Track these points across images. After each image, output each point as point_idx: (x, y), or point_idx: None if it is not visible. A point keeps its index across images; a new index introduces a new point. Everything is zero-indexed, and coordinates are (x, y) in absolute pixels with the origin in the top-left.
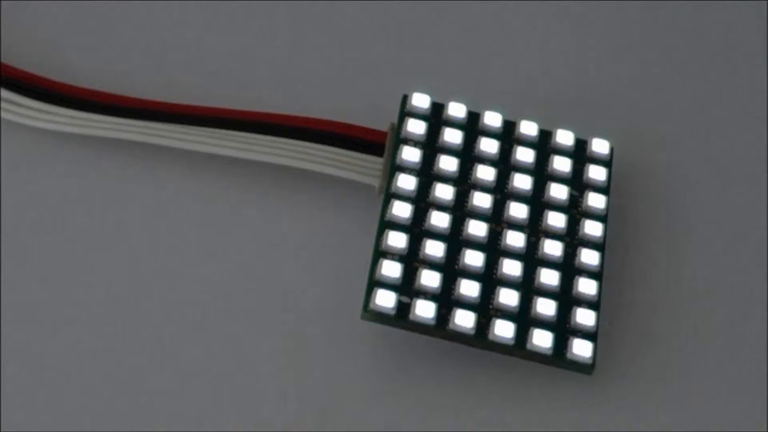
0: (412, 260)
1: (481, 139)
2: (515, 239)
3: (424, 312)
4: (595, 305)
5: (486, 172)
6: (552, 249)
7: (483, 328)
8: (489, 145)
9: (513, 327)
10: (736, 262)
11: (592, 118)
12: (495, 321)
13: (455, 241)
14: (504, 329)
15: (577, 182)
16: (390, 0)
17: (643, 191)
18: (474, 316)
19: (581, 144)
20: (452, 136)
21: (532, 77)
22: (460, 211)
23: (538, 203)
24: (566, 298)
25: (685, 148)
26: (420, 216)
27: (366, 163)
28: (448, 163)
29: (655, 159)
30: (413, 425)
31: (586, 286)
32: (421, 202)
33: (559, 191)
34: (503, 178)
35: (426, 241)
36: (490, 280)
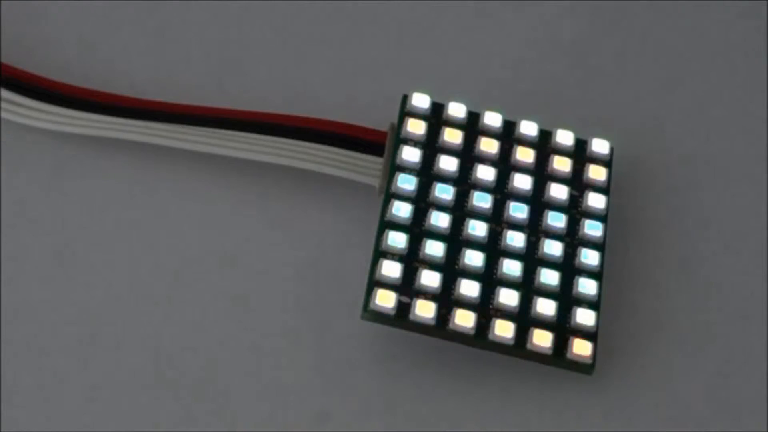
0: (412, 260)
1: (481, 139)
2: (515, 239)
3: (424, 312)
4: (595, 305)
5: (486, 172)
6: (552, 249)
7: (483, 328)
8: (489, 145)
9: (513, 327)
10: (736, 262)
11: (592, 118)
12: (495, 321)
13: (455, 241)
14: (504, 329)
15: (577, 182)
16: (390, 0)
17: (643, 191)
18: (474, 316)
19: (581, 144)
20: (452, 136)
21: (533, 77)
22: (460, 211)
23: (538, 203)
24: (566, 298)
25: (685, 148)
26: (420, 216)
27: (366, 163)
28: (448, 163)
29: (655, 159)
30: (413, 425)
31: (586, 286)
32: (421, 202)
33: (559, 191)
34: (503, 178)
35: (426, 241)
36: (490, 280)
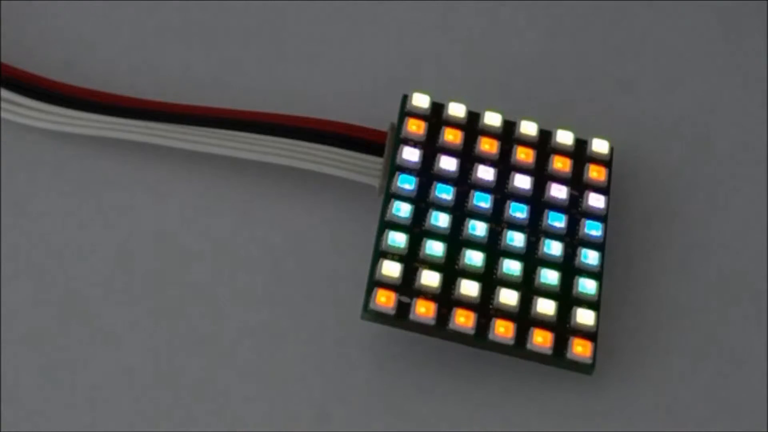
0: (412, 260)
1: (481, 139)
2: (515, 239)
3: (424, 312)
4: (595, 305)
5: (486, 172)
6: (552, 249)
7: (483, 328)
8: (489, 145)
9: (513, 327)
10: (736, 262)
11: (592, 118)
12: (495, 321)
13: (455, 241)
14: (504, 329)
15: (577, 182)
16: (390, 0)
17: (643, 191)
18: (474, 316)
19: (581, 144)
20: (452, 136)
21: (533, 77)
22: (460, 211)
23: (538, 203)
24: (566, 298)
25: (685, 148)
26: (420, 216)
27: (366, 163)
28: (448, 163)
29: (655, 159)
30: (413, 425)
31: (586, 286)
32: (421, 202)
33: (559, 191)
34: (503, 178)
35: (426, 241)
36: (490, 280)
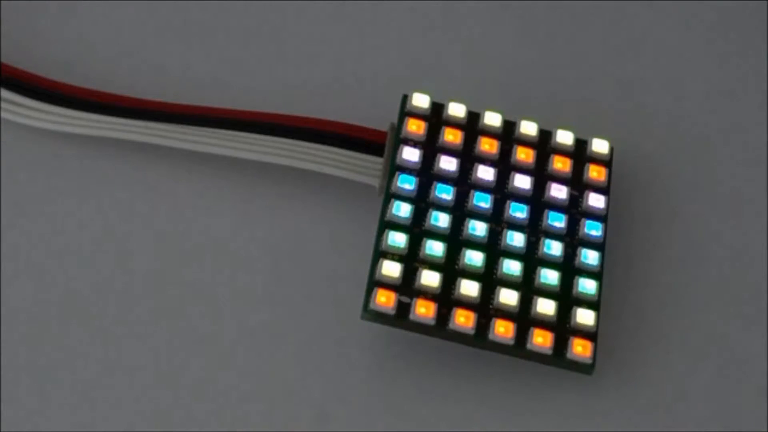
0: (412, 260)
1: (481, 139)
2: (515, 239)
3: (424, 312)
4: (595, 305)
5: (486, 172)
6: (552, 249)
7: (483, 328)
8: (489, 145)
9: (513, 327)
10: (736, 262)
11: (592, 118)
12: (495, 321)
13: (455, 241)
14: (504, 329)
15: (577, 182)
16: (390, 0)
17: (643, 191)
18: (474, 316)
19: (581, 144)
20: (452, 136)
21: (533, 77)
22: (460, 211)
23: (538, 203)
24: (566, 298)
25: (685, 148)
26: (420, 216)
27: (366, 163)
28: (448, 163)
29: (655, 159)
30: (413, 425)
31: (586, 286)
32: (421, 202)
33: (559, 191)
34: (503, 178)
35: (426, 241)
36: (490, 280)
